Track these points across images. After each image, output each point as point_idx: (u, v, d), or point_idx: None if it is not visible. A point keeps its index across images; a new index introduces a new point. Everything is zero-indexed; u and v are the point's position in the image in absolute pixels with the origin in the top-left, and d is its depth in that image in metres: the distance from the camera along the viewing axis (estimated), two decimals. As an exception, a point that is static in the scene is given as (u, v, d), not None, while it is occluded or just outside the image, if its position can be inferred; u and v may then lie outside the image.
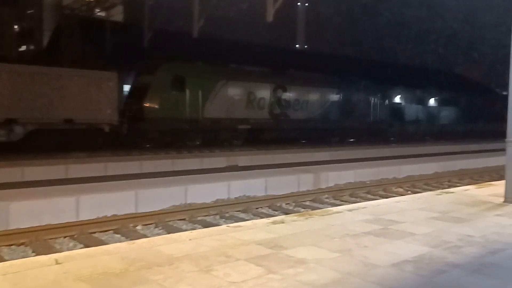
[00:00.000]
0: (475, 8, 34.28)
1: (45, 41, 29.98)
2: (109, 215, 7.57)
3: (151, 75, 17.36)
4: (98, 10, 30.12)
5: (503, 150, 6.70)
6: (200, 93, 17.97)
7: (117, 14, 31.61)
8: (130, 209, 7.95)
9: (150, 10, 23.03)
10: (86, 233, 6.56)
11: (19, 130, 14.00)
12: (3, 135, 13.70)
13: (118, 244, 4.43)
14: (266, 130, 20.67)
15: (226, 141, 19.20)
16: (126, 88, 18.65)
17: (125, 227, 6.93)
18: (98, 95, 15.20)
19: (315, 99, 22.62)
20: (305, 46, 37.58)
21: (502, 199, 6.63)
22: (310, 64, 26.75)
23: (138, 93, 17.18)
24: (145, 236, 6.35)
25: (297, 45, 37.45)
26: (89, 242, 6.11)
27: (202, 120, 18.13)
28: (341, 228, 4.93)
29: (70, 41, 24.78)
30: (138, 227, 7.07)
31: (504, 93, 6.36)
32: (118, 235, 6.67)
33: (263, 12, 17.06)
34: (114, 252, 3.93)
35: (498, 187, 7.79)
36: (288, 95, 21.32)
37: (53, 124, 14.44)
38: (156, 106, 17.03)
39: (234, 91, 19.44)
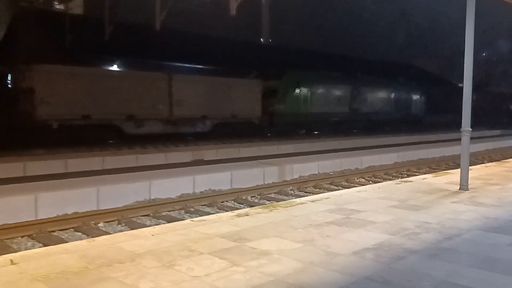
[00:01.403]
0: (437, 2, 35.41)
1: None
2: (69, 212, 7.37)
3: (278, 80, 22.46)
4: (56, 3, 29.01)
5: (459, 139, 6.96)
6: (308, 93, 23.47)
7: (76, 8, 30.58)
8: (91, 206, 7.77)
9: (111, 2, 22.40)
10: (45, 232, 6.36)
11: (209, 124, 19.35)
12: (200, 127, 19.08)
13: (77, 242, 4.31)
14: (346, 121, 25.90)
15: (320, 131, 24.29)
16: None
17: (86, 224, 6.76)
18: (251, 97, 20.73)
19: (375, 96, 28.18)
20: (269, 40, 37.67)
21: (457, 187, 6.89)
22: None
23: (270, 94, 21.91)
24: (107, 233, 6.22)
25: (261, 39, 37.51)
26: (48, 241, 5.93)
27: (308, 114, 23.37)
28: (304, 219, 4.99)
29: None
30: (100, 224, 6.91)
31: (461, 85, 6.65)
32: (79, 233, 6.50)
33: (226, 5, 16.95)
34: (73, 251, 3.83)
35: (454, 175, 8.11)
36: (360, 94, 26.74)
37: (226, 118, 19.81)
38: (282, 104, 22.33)
39: (328, 92, 24.82)
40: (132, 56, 19.49)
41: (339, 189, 9.13)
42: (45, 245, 5.63)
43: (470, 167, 7.44)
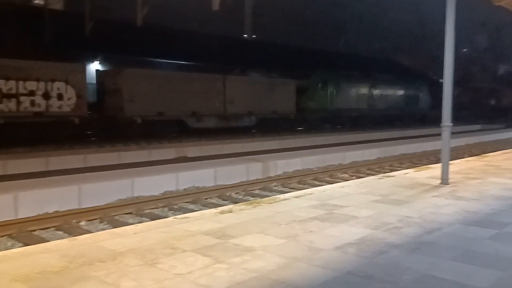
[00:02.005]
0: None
1: None
2: (50, 211, 7.26)
3: (308, 80, 25.10)
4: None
5: (440, 134, 7.05)
6: (334, 91, 26.21)
7: (55, 3, 30.00)
8: (73, 205, 7.66)
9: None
10: (25, 231, 6.25)
11: (253, 119, 22.28)
12: (247, 122, 22.01)
13: (58, 241, 4.25)
14: (364, 116, 28.65)
15: (342, 125, 26.80)
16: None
17: (68, 223, 6.67)
18: (288, 96, 23.66)
19: (388, 94, 30.90)
20: (253, 36, 37.57)
21: (438, 181, 6.99)
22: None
23: (301, 92, 24.49)
24: (89, 232, 6.14)
25: (244, 35, 37.38)
26: (28, 240, 5.83)
27: (334, 110, 26.18)
28: (288, 215, 5.01)
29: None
30: (82, 223, 6.83)
31: (441, 80, 6.75)
32: (60, 232, 6.41)
33: (209, 1, 16.85)
34: (54, 250, 3.77)
35: (435, 170, 8.22)
36: (376, 92, 29.66)
37: (267, 114, 22.64)
38: (312, 101, 25.10)
39: (349, 90, 27.54)
40: (192, 60, 24.06)
41: (322, 185, 9.19)
42: (25, 245, 5.52)
43: (450, 162, 7.56)
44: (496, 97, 44.35)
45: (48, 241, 5.42)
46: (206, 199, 8.49)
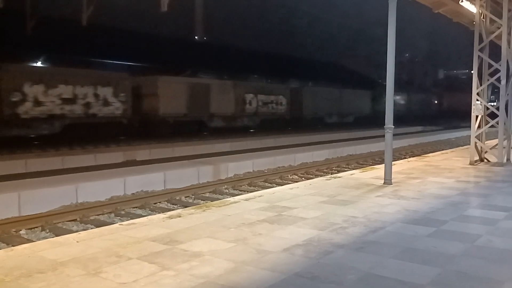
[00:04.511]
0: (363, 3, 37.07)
1: None
2: (-14, 221, 6.83)
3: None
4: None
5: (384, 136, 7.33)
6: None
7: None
8: (12, 213, 7.26)
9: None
10: (-43, 243, 5.85)
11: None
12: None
13: (-6, 253, 4.01)
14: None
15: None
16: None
17: (6, 232, 6.31)
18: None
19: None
20: (204, 38, 37.36)
21: (382, 181, 7.26)
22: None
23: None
24: (29, 240, 5.84)
25: (195, 37, 37.08)
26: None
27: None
28: (237, 218, 5.01)
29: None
30: (22, 232, 6.48)
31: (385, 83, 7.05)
32: (-3, 243, 6.05)
33: (158, 2, 16.53)
34: (-12, 262, 3.55)
35: (379, 170, 8.52)
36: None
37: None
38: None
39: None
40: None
41: (272, 187, 9.28)
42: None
43: (393, 162, 7.88)
44: (437, 100, 46.79)
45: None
46: (155, 203, 8.32)
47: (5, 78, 15.19)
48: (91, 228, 6.25)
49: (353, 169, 11.63)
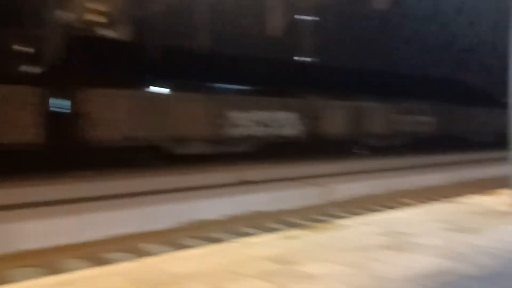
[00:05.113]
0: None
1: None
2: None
3: None
4: None
5: None
6: None
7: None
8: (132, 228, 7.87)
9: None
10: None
11: None
12: None
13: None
14: None
15: None
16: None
17: (132, 245, 6.85)
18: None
19: None
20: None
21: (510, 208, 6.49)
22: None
23: None
24: (151, 254, 6.24)
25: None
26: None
27: None
28: (351, 241, 4.84)
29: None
30: (143, 245, 6.97)
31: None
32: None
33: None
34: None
35: (509, 196, 7.65)
36: None
37: None
38: None
39: None
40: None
41: (386, 210, 8.85)
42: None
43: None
44: None
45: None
46: (264, 223, 8.42)
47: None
48: (206, 244, 6.54)
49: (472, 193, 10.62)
